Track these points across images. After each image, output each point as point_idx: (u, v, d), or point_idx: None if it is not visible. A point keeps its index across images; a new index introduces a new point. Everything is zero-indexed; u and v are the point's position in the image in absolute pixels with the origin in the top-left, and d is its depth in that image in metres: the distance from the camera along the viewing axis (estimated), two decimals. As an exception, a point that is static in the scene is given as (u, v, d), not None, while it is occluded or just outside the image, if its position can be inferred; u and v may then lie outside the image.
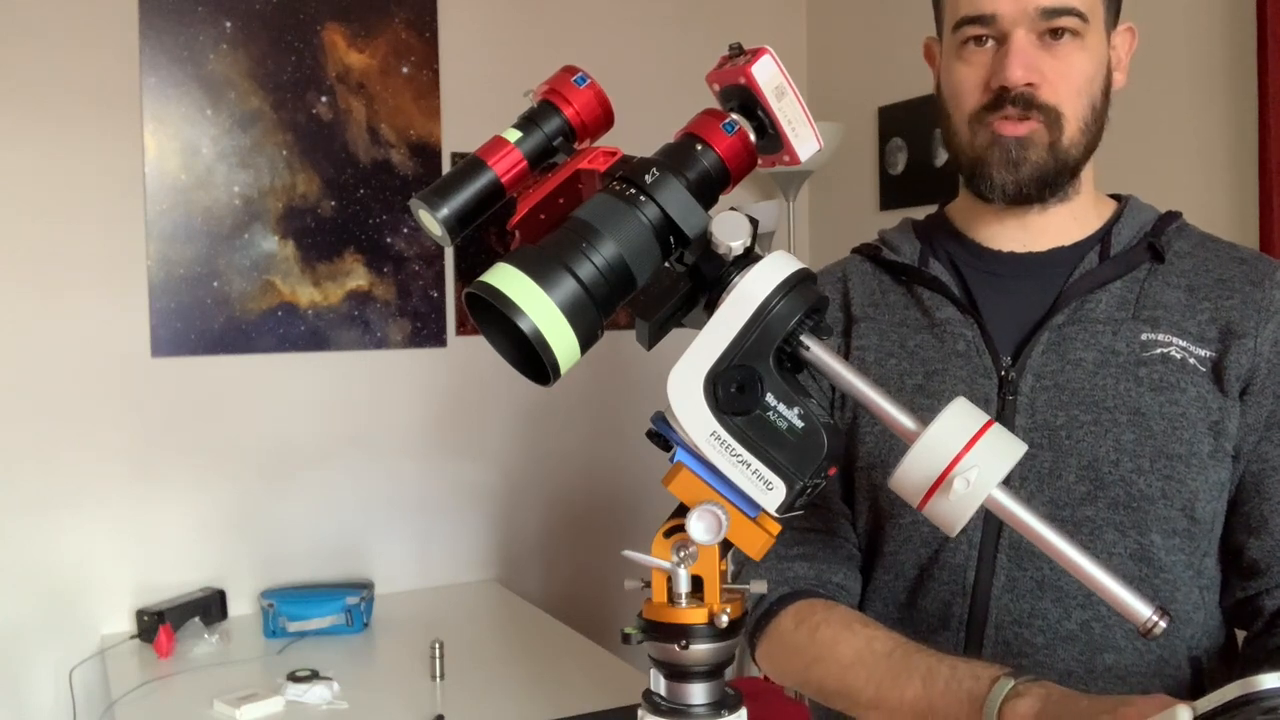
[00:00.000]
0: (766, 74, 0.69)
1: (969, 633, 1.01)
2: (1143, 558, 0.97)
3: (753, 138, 0.71)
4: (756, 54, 0.69)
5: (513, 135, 0.74)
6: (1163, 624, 0.63)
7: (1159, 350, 0.99)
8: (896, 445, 1.04)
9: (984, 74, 0.99)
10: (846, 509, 1.11)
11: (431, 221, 0.72)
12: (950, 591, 1.02)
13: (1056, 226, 1.06)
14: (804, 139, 0.71)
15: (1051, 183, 1.02)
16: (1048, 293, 1.04)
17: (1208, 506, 0.98)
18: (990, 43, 0.99)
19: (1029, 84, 0.97)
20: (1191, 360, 0.98)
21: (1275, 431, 0.98)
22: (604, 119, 0.75)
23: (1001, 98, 0.98)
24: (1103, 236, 1.06)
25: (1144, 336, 0.99)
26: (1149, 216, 1.07)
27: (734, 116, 0.70)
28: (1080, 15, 0.97)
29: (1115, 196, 1.11)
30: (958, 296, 1.06)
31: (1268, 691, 0.57)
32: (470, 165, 0.73)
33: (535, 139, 0.74)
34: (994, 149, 1.00)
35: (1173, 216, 1.08)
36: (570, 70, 0.75)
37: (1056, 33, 0.97)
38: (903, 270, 1.10)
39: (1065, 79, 0.98)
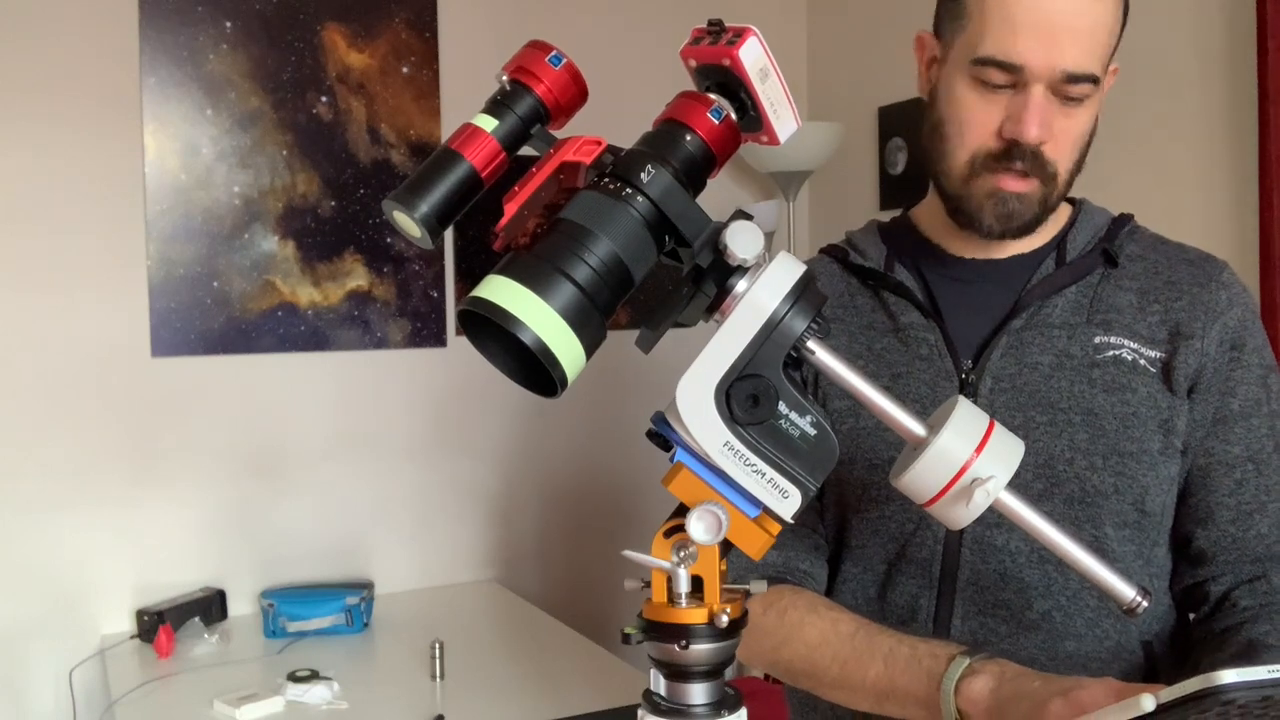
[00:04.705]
0: (752, 56, 0.67)
1: (936, 624, 1.05)
2: (1096, 549, 1.00)
3: (734, 118, 0.69)
4: (743, 35, 0.67)
5: (487, 123, 0.70)
6: (1145, 603, 0.68)
7: (1111, 353, 1.03)
8: (864, 442, 1.07)
9: (998, 119, 1.00)
10: (815, 501, 1.14)
11: (409, 223, 0.69)
12: (918, 585, 1.06)
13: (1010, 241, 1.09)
14: (784, 120, 0.70)
15: (1032, 227, 1.05)
16: (1007, 297, 1.08)
17: (1157, 500, 1.03)
18: (1007, 88, 0.99)
19: (1041, 141, 0.99)
20: (1142, 361, 1.03)
21: (1220, 427, 1.03)
22: (579, 97, 0.72)
23: (1011, 150, 0.99)
24: (1058, 243, 1.09)
25: (1097, 339, 1.04)
26: (1102, 221, 1.11)
27: (718, 100, 0.68)
28: (1096, 81, 0.99)
29: (1069, 200, 1.13)
30: (921, 302, 1.09)
31: (1227, 686, 0.59)
32: (444, 158, 0.69)
33: (510, 124, 0.70)
34: (992, 199, 1.02)
35: (1125, 220, 1.11)
36: (542, 48, 0.71)
37: (1071, 95, 0.99)
38: (869, 274, 1.13)
39: (1069, 137, 1.01)
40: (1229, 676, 0.59)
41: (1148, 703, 0.63)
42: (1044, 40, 0.95)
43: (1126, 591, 0.69)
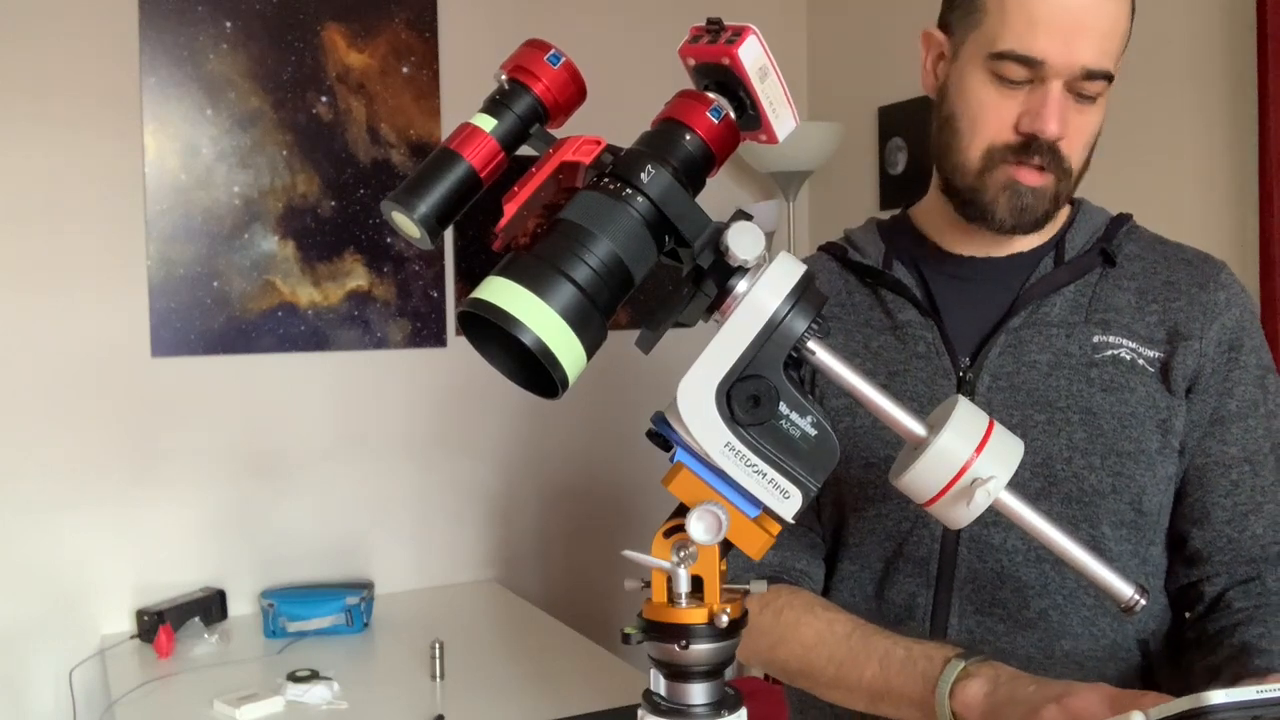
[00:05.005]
0: (752, 56, 0.67)
1: (933, 622, 1.05)
2: (1094, 548, 1.01)
3: (733, 117, 0.69)
4: (742, 34, 0.67)
5: (486, 123, 0.70)
6: (1143, 601, 0.69)
7: (1110, 352, 1.03)
8: (861, 441, 1.07)
9: (1014, 113, 1.00)
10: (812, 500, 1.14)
11: (408, 223, 0.69)
12: (915, 583, 1.06)
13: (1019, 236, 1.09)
14: (783, 119, 0.70)
15: (1043, 223, 1.06)
16: (1006, 296, 1.08)
17: (1154, 499, 1.03)
18: (1024, 83, 0.99)
19: (1059, 137, 0.99)
20: (1141, 361, 1.03)
21: (1218, 427, 1.04)
22: (577, 96, 0.72)
23: (1029, 144, 1.00)
24: (1057, 241, 1.10)
25: (1096, 339, 1.04)
26: (1100, 220, 1.11)
27: (717, 100, 0.68)
28: (1110, 79, 0.99)
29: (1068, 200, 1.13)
30: (919, 300, 1.09)
31: (1215, 706, 0.60)
32: (443, 158, 0.69)
33: (508, 123, 0.70)
34: (1007, 192, 1.02)
35: (1123, 219, 1.12)
36: (540, 47, 0.71)
37: (1086, 92, 0.99)
38: (867, 272, 1.13)
39: (1082, 134, 1.01)
40: (1218, 697, 0.60)
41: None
42: (1064, 36, 0.96)
43: (1124, 590, 0.69)
